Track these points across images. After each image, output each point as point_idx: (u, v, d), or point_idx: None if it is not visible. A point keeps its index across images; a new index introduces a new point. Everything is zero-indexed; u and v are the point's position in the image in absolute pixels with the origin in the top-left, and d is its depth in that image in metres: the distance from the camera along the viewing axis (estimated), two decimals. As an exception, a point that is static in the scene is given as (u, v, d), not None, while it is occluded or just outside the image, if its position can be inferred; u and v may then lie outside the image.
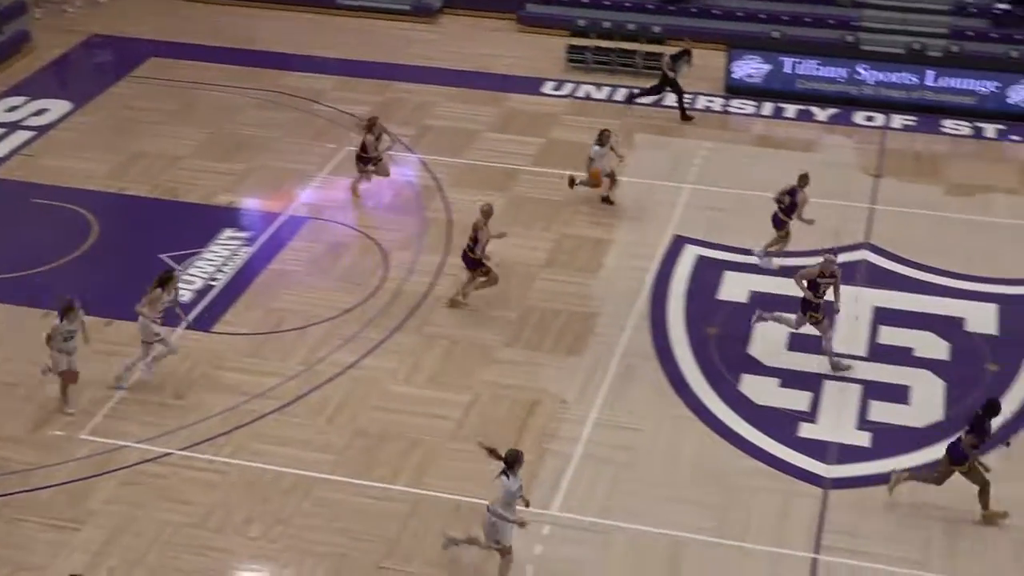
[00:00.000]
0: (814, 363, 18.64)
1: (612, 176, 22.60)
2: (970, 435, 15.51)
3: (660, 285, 20.50)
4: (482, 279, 19.72)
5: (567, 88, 27.61)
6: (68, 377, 17.15)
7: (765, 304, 19.81)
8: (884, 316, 19.77)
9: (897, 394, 18.13)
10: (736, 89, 27.13)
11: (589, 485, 16.41)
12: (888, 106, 26.55)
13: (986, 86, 26.13)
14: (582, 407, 17.80)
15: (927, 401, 18.00)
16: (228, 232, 21.87)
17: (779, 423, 17.56)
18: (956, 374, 18.49)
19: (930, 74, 26.42)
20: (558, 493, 16.22)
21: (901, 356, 18.86)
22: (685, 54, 26.16)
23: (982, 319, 19.68)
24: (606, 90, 27.49)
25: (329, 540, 15.42)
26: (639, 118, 26.14)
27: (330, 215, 22.47)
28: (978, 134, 25.69)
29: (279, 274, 20.76)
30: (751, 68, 27.07)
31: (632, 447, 17.08)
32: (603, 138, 22.21)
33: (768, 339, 19.17)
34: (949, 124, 25.99)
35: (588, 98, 27.20)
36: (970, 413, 16.80)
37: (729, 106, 26.76)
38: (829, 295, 18.36)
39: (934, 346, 19.07)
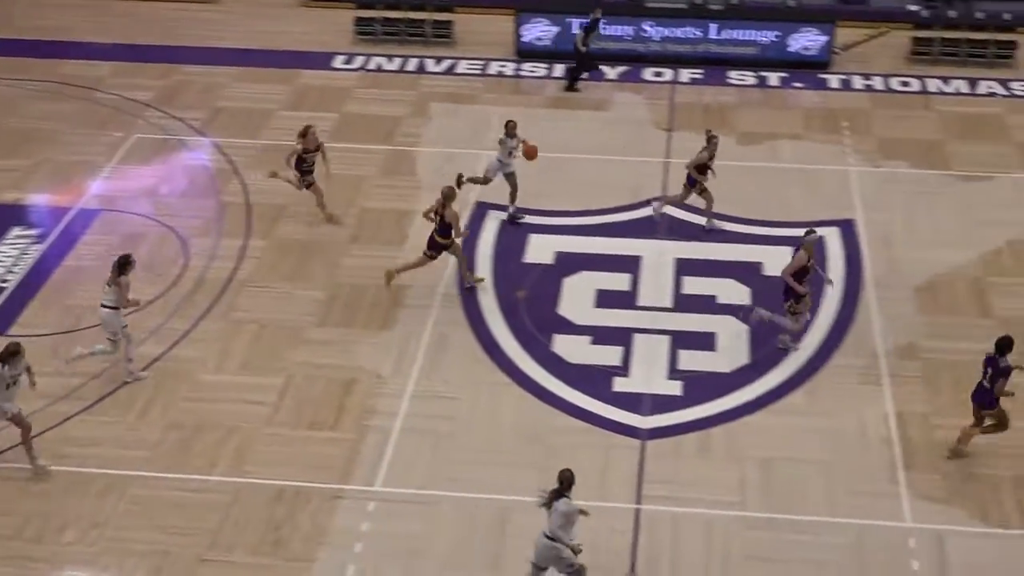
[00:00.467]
0: (623, 318, 18.95)
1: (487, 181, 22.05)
2: (998, 380, 15.65)
3: (466, 252, 20.47)
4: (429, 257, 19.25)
5: (358, 61, 27.35)
6: (23, 426, 15.80)
7: (570, 264, 20.07)
8: (686, 267, 20.21)
9: (704, 342, 18.57)
10: (527, 53, 27.29)
11: (411, 458, 16.37)
12: (675, 61, 27.08)
13: (767, 36, 26.86)
14: (398, 381, 17.72)
15: (733, 346, 18.48)
16: (16, 230, 21.02)
17: (593, 380, 17.80)
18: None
19: (713, 27, 27.04)
20: (381, 469, 16.14)
21: (705, 304, 19.31)
22: (596, 24, 26.00)
23: (779, 262, 20.16)
24: (397, 61, 27.32)
25: (148, 538, 15.02)
26: (431, 87, 26.06)
27: (123, 206, 21.80)
28: (762, 83, 26.42)
29: (74, 270, 20.06)
30: (539, 31, 27.25)
31: (451, 416, 17.10)
32: (511, 129, 20.96)
33: (577, 298, 19.41)
34: (734, 75, 26.66)
35: (380, 70, 27.00)
36: (776, 355, 17.42)
37: (521, 70, 26.89)
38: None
39: (736, 292, 19.58)
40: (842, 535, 15.24)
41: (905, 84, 26.09)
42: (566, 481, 13.49)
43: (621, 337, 18.62)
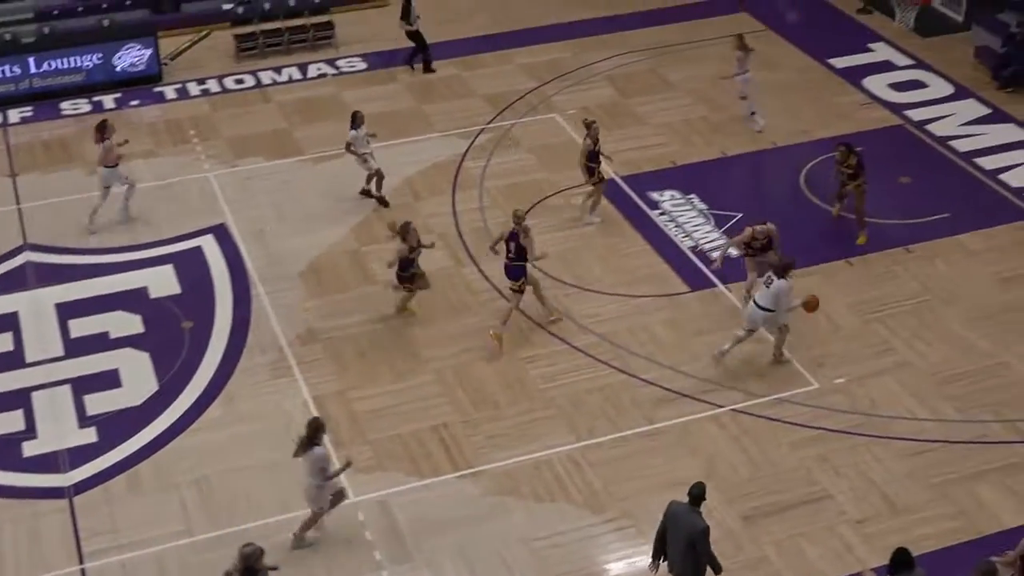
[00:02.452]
0: (14, 380, 17.82)
1: (379, 173, 21.49)
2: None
3: None
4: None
5: None
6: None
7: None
8: (68, 310, 19.31)
9: (108, 380, 17.88)
10: None
11: None
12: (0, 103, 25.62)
13: (90, 60, 26.03)
14: None
15: (138, 377, 17.93)
16: None
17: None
18: (156, 342, 18.58)
19: (31, 61, 25.81)
20: None
21: (99, 342, 18.58)
22: (410, 3, 25.95)
23: (163, 282, 19.89)
24: None
25: None
26: None
27: None
28: (98, 108, 25.57)
29: None
30: None
31: None
32: (357, 120, 21.02)
33: (-42, 371, 18.02)
34: (67, 105, 25.64)
35: None
36: (183, 376, 17.14)
37: None
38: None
39: (127, 322, 18.98)
40: (295, 528, 15.31)
41: (240, 82, 26.34)
42: (787, 266, 17.10)
43: (18, 400, 17.50)
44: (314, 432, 14.67)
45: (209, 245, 20.82)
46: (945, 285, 19.36)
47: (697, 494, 13.38)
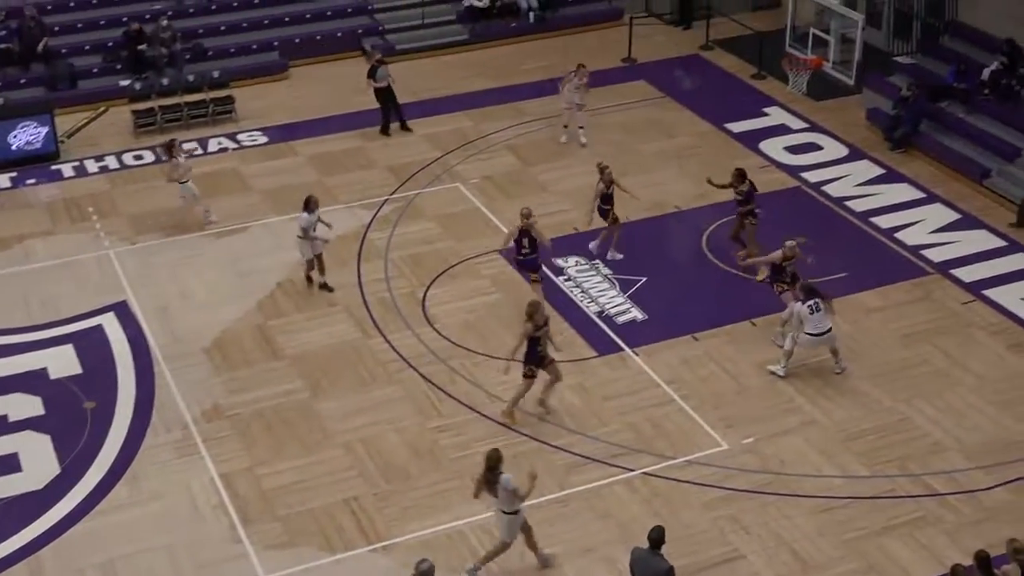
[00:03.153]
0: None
1: (319, 259, 21.10)
2: None
3: None
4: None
5: None
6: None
7: None
8: None
9: (7, 465, 17.44)
10: None
11: None
12: None
13: (-15, 139, 25.69)
14: None
15: (39, 460, 17.52)
16: None
17: None
18: (58, 423, 18.20)
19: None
20: None
21: (-3, 426, 18.21)
22: (380, 64, 26.30)
23: (63, 362, 19.51)
24: None
25: None
26: None
27: None
28: (-6, 187, 25.21)
29: None
30: None
31: None
32: (311, 204, 20.85)
33: None
34: (-39, 185, 25.22)
35: None
36: (86, 456, 16.74)
37: None
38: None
39: (26, 404, 18.58)
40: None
41: (139, 158, 26.07)
42: (815, 290, 18.39)
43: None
44: (495, 463, 14.98)
45: (110, 323, 20.49)
46: (847, 343, 19.65)
47: (656, 538, 13.69)
